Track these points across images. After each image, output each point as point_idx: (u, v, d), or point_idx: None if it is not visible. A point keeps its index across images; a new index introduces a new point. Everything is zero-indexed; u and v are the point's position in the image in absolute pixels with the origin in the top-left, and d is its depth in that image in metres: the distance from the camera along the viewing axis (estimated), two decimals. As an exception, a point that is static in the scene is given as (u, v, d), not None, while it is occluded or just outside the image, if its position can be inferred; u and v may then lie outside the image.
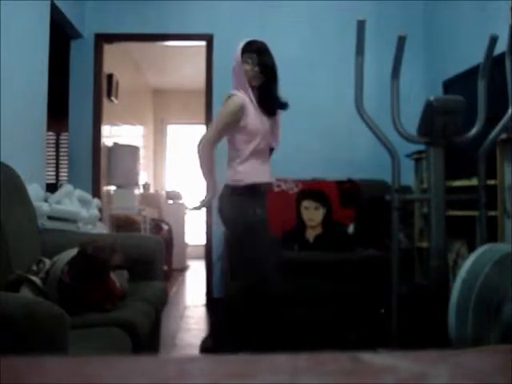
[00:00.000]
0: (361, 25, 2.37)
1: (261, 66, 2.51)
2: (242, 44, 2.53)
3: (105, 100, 4.70)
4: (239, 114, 2.48)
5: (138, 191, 5.98)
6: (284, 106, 2.62)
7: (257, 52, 2.52)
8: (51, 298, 1.69)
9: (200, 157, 2.54)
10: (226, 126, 2.52)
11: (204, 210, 4.46)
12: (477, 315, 1.78)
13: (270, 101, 2.56)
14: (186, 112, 7.87)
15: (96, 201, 3.29)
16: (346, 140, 4.34)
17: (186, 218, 7.00)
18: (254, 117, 2.50)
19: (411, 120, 2.50)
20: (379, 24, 4.25)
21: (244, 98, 2.50)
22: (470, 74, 3.05)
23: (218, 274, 4.35)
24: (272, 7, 4.45)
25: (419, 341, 2.32)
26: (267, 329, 2.61)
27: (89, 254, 1.82)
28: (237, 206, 2.56)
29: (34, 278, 1.79)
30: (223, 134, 2.56)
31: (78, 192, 3.09)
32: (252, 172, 2.55)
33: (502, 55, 2.54)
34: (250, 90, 2.50)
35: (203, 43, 4.49)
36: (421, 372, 0.31)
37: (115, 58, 5.00)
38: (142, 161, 6.01)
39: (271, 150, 2.66)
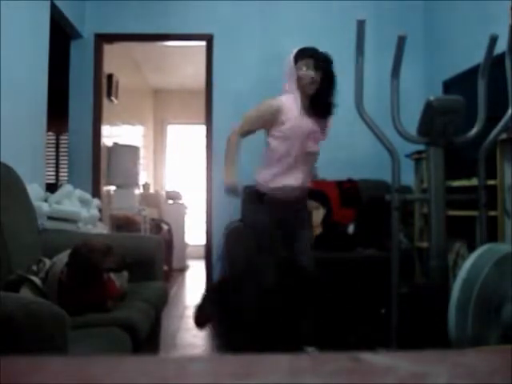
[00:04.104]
0: (361, 25, 2.37)
1: (316, 70, 2.54)
2: (295, 51, 2.59)
3: (105, 100, 4.70)
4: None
5: (138, 191, 5.98)
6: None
7: (312, 57, 2.56)
8: (51, 298, 1.69)
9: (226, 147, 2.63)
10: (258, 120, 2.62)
11: (204, 209, 4.47)
12: (477, 315, 1.78)
13: (321, 106, 2.61)
14: (185, 112, 7.86)
15: (96, 201, 3.29)
16: (346, 140, 4.33)
17: (186, 217, 7.00)
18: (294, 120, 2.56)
19: (411, 120, 2.50)
20: (379, 24, 4.25)
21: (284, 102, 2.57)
22: (470, 74, 3.04)
23: (218, 274, 4.35)
24: (272, 7, 4.45)
25: (419, 341, 2.32)
26: (267, 327, 2.62)
27: (81, 255, 1.81)
28: None
29: (33, 278, 1.79)
30: (253, 129, 2.64)
31: (78, 192, 3.09)
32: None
33: (502, 55, 2.54)
34: (298, 94, 2.56)
35: (203, 43, 4.50)
36: (421, 372, 0.31)
37: (115, 58, 5.00)
38: (142, 161, 6.01)
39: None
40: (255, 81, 4.39)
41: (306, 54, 2.57)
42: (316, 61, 2.55)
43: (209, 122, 4.44)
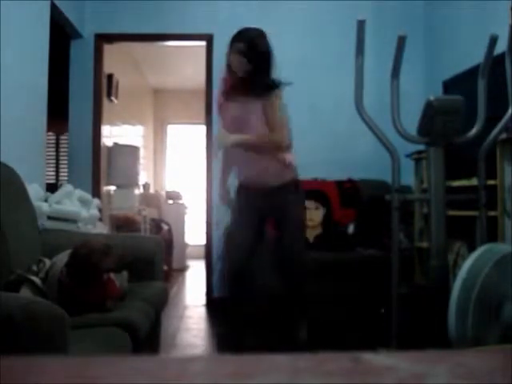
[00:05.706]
0: (361, 25, 2.37)
1: (245, 54, 2.42)
2: (233, 34, 2.50)
3: (105, 100, 4.70)
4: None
5: (138, 191, 5.98)
6: (273, 86, 2.45)
7: (244, 41, 2.44)
8: (51, 298, 1.69)
9: None
10: None
11: (204, 209, 4.47)
12: (477, 315, 1.78)
13: (250, 87, 2.46)
14: (186, 112, 7.86)
15: (96, 201, 3.29)
16: (346, 140, 4.33)
17: (186, 217, 7.00)
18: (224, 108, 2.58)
19: (411, 120, 2.50)
20: (379, 24, 4.25)
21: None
22: (470, 74, 3.04)
23: (218, 274, 4.35)
24: (272, 7, 4.45)
25: (419, 341, 2.32)
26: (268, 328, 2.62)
27: (81, 256, 1.81)
28: None
29: (33, 278, 1.79)
30: None
31: (78, 192, 3.09)
32: None
33: (502, 55, 2.54)
34: (224, 79, 2.57)
35: (203, 43, 4.49)
36: (421, 372, 0.31)
37: (115, 58, 4.99)
38: (142, 161, 6.01)
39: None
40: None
41: (239, 38, 2.45)
42: (244, 44, 2.42)
43: (209, 122, 4.44)
